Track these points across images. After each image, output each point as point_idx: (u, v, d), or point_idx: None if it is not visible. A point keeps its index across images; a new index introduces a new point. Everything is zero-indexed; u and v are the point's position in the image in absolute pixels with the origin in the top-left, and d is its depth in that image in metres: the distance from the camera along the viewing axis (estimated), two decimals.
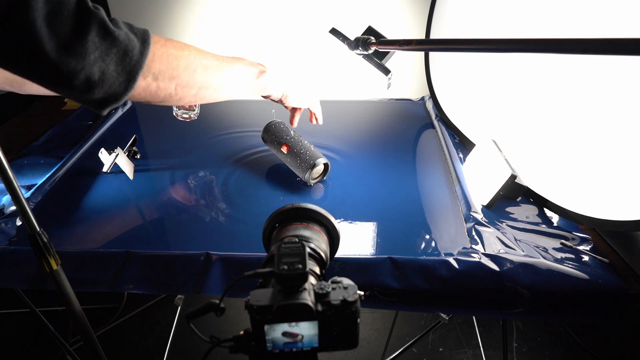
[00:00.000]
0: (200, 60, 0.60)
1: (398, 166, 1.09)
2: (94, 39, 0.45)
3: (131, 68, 0.49)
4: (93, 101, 0.49)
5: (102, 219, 0.90)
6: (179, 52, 0.56)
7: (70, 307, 0.70)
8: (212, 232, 0.86)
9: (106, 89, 0.48)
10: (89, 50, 0.44)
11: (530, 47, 0.57)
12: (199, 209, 0.92)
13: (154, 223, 0.89)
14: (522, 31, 0.92)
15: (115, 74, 0.48)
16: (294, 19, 1.53)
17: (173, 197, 0.95)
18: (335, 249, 0.58)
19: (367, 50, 0.85)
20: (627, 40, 0.44)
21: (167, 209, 0.93)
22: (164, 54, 0.54)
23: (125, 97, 0.51)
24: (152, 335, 1.51)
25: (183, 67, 0.57)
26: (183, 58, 0.57)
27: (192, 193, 0.98)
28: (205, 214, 0.91)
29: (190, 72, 0.58)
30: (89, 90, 0.47)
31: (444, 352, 1.46)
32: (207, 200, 0.95)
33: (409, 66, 1.56)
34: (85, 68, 0.45)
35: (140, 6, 1.54)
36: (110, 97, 0.49)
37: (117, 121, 1.32)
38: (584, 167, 0.81)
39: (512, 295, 0.71)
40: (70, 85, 0.45)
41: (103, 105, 0.50)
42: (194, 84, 0.59)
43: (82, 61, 0.44)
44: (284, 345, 0.42)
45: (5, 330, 1.52)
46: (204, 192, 0.97)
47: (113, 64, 0.47)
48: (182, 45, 0.58)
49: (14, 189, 0.59)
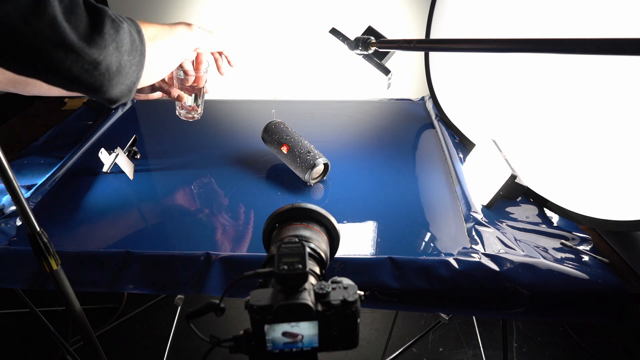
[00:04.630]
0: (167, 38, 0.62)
1: (398, 166, 1.09)
2: (110, 31, 0.48)
3: (139, 56, 0.52)
4: (109, 94, 0.51)
5: (102, 219, 0.90)
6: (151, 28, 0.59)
7: (70, 307, 0.70)
8: (212, 232, 0.86)
9: (122, 80, 0.51)
10: (107, 42, 0.47)
11: (530, 47, 0.57)
12: (199, 210, 0.92)
13: (154, 223, 0.89)
14: (522, 31, 0.92)
15: (129, 63, 0.51)
16: (294, 19, 1.53)
17: (176, 202, 0.95)
18: (335, 249, 0.58)
19: (367, 50, 0.85)
20: (627, 40, 0.44)
21: (167, 209, 0.93)
22: (151, 38, 0.57)
23: (136, 87, 0.54)
24: (152, 335, 1.51)
25: (166, 49, 0.61)
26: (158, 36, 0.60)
27: (194, 197, 0.98)
28: (206, 214, 0.91)
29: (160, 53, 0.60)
30: (109, 81, 0.49)
31: (444, 352, 1.46)
32: (209, 203, 0.95)
33: (409, 66, 1.56)
34: (105, 59, 0.47)
35: (140, 6, 1.54)
36: (125, 88, 0.52)
37: (117, 121, 1.32)
38: (584, 167, 0.81)
39: (512, 295, 0.71)
40: (92, 77, 0.48)
41: (118, 97, 0.52)
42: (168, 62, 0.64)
43: (103, 51, 0.47)
44: (284, 345, 0.42)
45: (5, 330, 1.52)
46: (206, 196, 0.97)
47: (126, 55, 0.50)
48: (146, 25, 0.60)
49: (14, 189, 0.60)
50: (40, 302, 1.14)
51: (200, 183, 1.01)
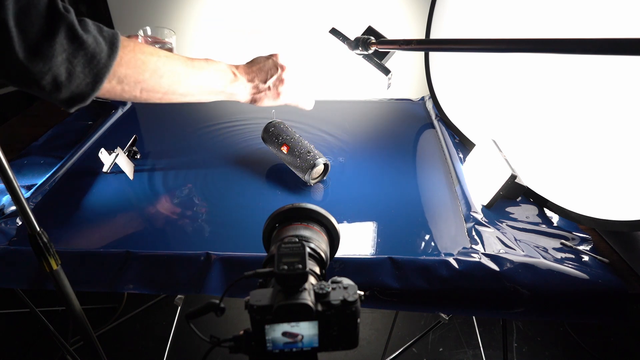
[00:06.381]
0: (169, 66, 0.61)
1: (398, 166, 1.09)
2: (62, 41, 0.46)
3: (98, 71, 0.51)
4: (60, 100, 0.51)
5: (102, 219, 0.90)
6: (147, 57, 0.58)
7: (70, 307, 0.70)
8: (212, 232, 0.86)
9: (73, 89, 0.50)
10: (57, 52, 0.46)
11: (530, 47, 0.57)
12: (199, 210, 0.92)
13: (154, 223, 0.89)
14: (522, 31, 0.92)
15: (82, 75, 0.50)
16: (294, 19, 1.53)
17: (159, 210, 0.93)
18: (335, 249, 0.58)
19: (367, 50, 0.85)
20: (627, 40, 0.44)
21: (167, 209, 0.93)
22: (131, 59, 0.56)
23: (92, 97, 0.53)
24: (152, 335, 1.51)
25: (150, 73, 0.59)
26: (151, 63, 0.58)
27: (177, 204, 0.98)
28: (206, 214, 0.91)
29: (156, 78, 0.60)
30: (56, 89, 0.49)
31: (444, 352, 1.46)
32: (209, 203, 0.94)
33: (409, 66, 1.56)
34: (52, 69, 0.47)
35: (142, 7, 1.54)
36: (77, 96, 0.51)
37: (117, 121, 1.32)
38: (584, 167, 0.81)
39: (512, 295, 0.71)
40: (38, 85, 0.48)
41: (70, 104, 0.52)
42: (160, 89, 0.61)
43: (49, 62, 0.46)
44: (284, 345, 0.42)
45: (5, 330, 1.52)
46: (206, 196, 0.97)
47: (80, 66, 0.49)
48: (151, 51, 0.59)
49: (14, 189, 0.59)
50: (40, 302, 1.14)
51: (180, 192, 0.97)
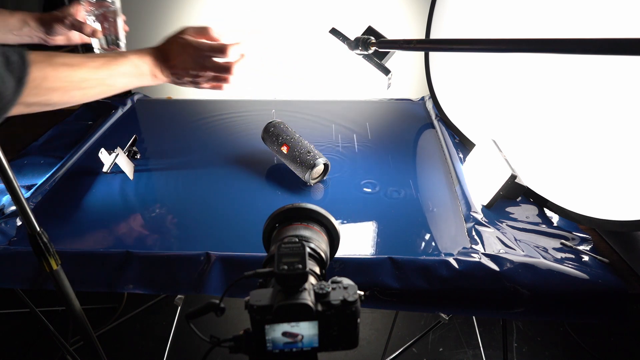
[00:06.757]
0: (80, 79, 0.62)
1: (398, 166, 1.09)
2: None
3: (3, 106, 0.52)
4: None
5: (102, 219, 0.90)
6: (56, 79, 0.58)
7: (70, 307, 0.70)
8: (212, 232, 0.86)
9: None
10: None
11: (530, 47, 0.57)
12: (199, 210, 0.92)
13: (154, 223, 0.89)
14: (522, 31, 0.92)
15: None
16: (294, 19, 1.53)
17: None
18: (335, 249, 0.58)
19: (367, 50, 0.85)
20: (627, 40, 0.44)
21: (167, 209, 0.93)
22: (40, 86, 0.56)
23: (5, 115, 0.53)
24: (152, 335, 1.51)
25: (60, 93, 0.60)
26: (60, 83, 0.59)
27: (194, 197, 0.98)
28: (206, 214, 0.91)
29: (66, 97, 0.62)
30: None
31: (444, 352, 1.46)
32: (209, 203, 0.94)
33: (409, 66, 1.55)
34: None
35: (142, 7, 1.54)
36: None
37: (117, 121, 1.32)
38: (584, 167, 0.81)
39: (512, 295, 0.71)
40: None
41: None
42: (71, 101, 0.64)
43: None
44: (284, 345, 0.42)
45: (5, 330, 1.52)
46: (207, 196, 0.97)
47: None
48: (64, 66, 0.59)
49: (14, 189, 0.59)
50: (40, 302, 1.14)
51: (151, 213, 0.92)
